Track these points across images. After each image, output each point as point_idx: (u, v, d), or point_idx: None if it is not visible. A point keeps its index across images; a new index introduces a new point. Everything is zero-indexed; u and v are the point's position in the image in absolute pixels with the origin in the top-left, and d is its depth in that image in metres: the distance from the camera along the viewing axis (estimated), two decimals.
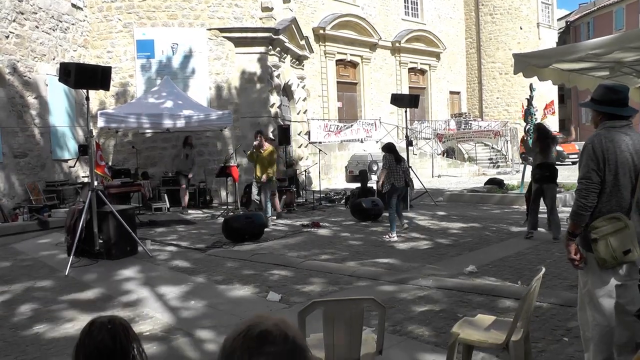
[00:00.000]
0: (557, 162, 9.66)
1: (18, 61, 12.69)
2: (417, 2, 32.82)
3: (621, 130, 3.48)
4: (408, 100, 15.28)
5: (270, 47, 16.87)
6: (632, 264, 3.44)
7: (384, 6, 30.32)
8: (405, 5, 32.13)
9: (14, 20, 12.58)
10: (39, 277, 7.67)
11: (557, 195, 12.93)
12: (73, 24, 15.10)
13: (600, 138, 3.45)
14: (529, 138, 14.09)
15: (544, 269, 3.63)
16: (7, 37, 12.39)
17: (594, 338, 3.50)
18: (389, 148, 10.40)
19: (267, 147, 11.93)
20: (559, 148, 29.43)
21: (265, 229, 10.32)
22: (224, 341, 1.29)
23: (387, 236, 9.77)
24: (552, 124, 34.50)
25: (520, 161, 17.30)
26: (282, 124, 17.13)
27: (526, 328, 3.53)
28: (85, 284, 7.22)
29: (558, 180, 9.60)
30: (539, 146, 9.22)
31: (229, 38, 16.39)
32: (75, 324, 5.50)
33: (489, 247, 8.77)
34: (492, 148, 30.03)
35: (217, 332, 5.17)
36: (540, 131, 9.59)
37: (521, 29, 34.56)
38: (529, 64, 6.62)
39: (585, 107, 3.81)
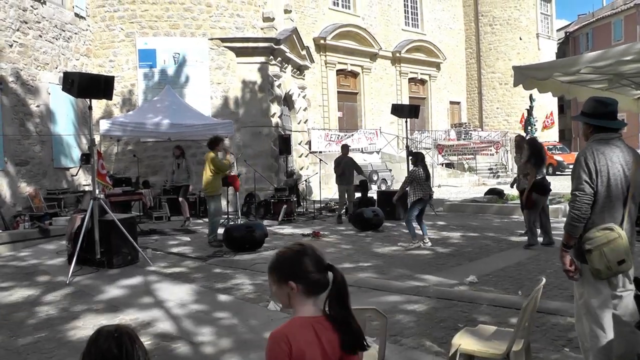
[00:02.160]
0: (556, 172, 9.77)
1: (21, 69, 12.76)
2: (417, 13, 32.99)
3: (612, 142, 3.54)
4: (408, 111, 15.33)
5: (271, 57, 16.97)
6: (626, 274, 3.47)
7: (385, 16, 30.47)
8: (405, 16, 32.30)
9: (17, 29, 12.66)
10: (40, 285, 7.69)
11: (557, 206, 13.02)
12: (76, 33, 15.20)
13: (591, 150, 3.50)
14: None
15: (544, 280, 3.66)
16: (11, 45, 12.47)
17: (592, 349, 3.53)
18: (419, 158, 10.20)
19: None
20: (559, 158, 29.62)
21: (266, 239, 10.32)
22: (278, 253, 2.25)
23: (411, 243, 9.75)
24: (552, 134, 34.71)
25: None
26: (282, 133, 17.20)
27: (527, 338, 3.55)
28: (87, 292, 7.23)
29: (558, 191, 9.69)
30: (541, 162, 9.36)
31: (230, 48, 16.48)
32: (77, 332, 5.52)
33: (489, 257, 8.78)
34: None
35: (218, 340, 5.19)
36: (537, 146, 9.69)
37: (521, 39, 34.74)
38: (528, 76, 6.67)
39: (577, 120, 3.87)
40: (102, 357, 1.91)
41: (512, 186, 11.17)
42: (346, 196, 13.98)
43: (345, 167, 13.76)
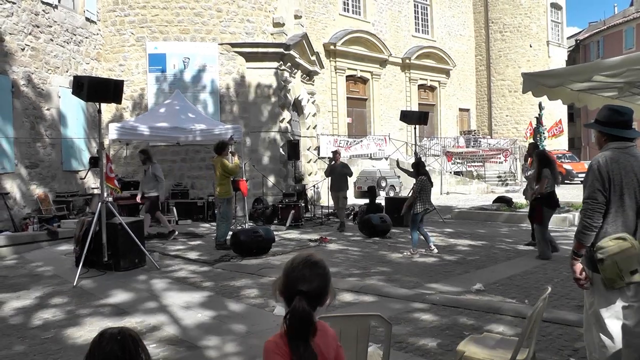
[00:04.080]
0: (565, 181, 9.70)
1: (32, 73, 12.87)
2: (427, 19, 33.03)
3: (625, 152, 3.51)
4: (417, 117, 15.29)
5: (281, 62, 17.02)
6: (639, 284, 3.43)
7: (395, 22, 30.51)
8: (415, 22, 32.34)
9: (29, 34, 12.78)
10: (47, 286, 7.73)
11: (565, 215, 12.94)
12: (86, 38, 15.32)
13: (605, 159, 3.48)
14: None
15: (549, 289, 3.63)
16: (23, 49, 12.58)
17: (600, 359, 3.49)
18: (421, 166, 10.22)
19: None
20: (568, 167, 29.46)
21: (273, 244, 10.33)
22: (290, 260, 2.20)
23: (409, 252, 9.76)
24: (561, 142, 34.54)
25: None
26: (291, 139, 17.21)
27: (532, 347, 3.53)
28: (93, 294, 7.26)
29: (567, 200, 9.63)
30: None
31: (240, 53, 16.55)
32: (83, 334, 5.54)
33: (497, 265, 8.74)
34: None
35: (223, 345, 5.19)
36: (544, 157, 9.61)
37: (531, 46, 34.66)
38: (538, 83, 6.63)
39: (590, 128, 3.85)
40: (106, 359, 1.92)
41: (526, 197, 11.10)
42: (339, 203, 13.74)
43: (332, 173, 13.57)
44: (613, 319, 3.45)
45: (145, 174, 11.96)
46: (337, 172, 13.46)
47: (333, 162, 13.64)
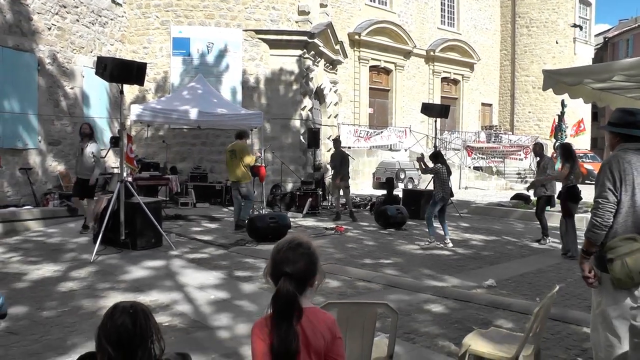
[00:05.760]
0: (586, 182, 9.65)
1: (58, 52, 13.05)
2: (453, 12, 32.70)
3: (638, 152, 3.49)
4: (438, 110, 15.21)
5: (304, 50, 17.02)
6: None
7: (421, 14, 30.27)
8: (441, 14, 32.05)
9: (56, 14, 12.95)
10: (65, 261, 7.90)
11: (582, 215, 12.85)
12: (112, 19, 15.47)
13: (617, 159, 3.47)
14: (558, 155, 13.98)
15: (557, 287, 3.65)
16: (50, 29, 12.76)
17: (606, 359, 3.50)
18: (438, 157, 10.25)
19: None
20: (589, 167, 29.07)
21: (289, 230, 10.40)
22: (276, 244, 2.23)
23: (426, 242, 9.79)
24: (584, 142, 34.05)
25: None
26: (312, 127, 17.24)
27: (537, 344, 3.55)
28: (109, 271, 7.41)
29: (584, 200, 9.59)
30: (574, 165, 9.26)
31: (264, 40, 16.59)
32: (99, 309, 5.67)
33: (510, 262, 8.73)
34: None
35: (235, 325, 5.28)
36: (569, 150, 9.54)
37: (557, 43, 34.11)
38: (559, 81, 6.57)
39: (603, 130, 3.83)
40: (117, 331, 1.99)
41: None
42: (340, 193, 13.55)
43: (332, 161, 13.47)
44: (620, 319, 3.44)
45: (82, 152, 10.33)
46: (336, 161, 13.30)
47: (332, 150, 13.58)
